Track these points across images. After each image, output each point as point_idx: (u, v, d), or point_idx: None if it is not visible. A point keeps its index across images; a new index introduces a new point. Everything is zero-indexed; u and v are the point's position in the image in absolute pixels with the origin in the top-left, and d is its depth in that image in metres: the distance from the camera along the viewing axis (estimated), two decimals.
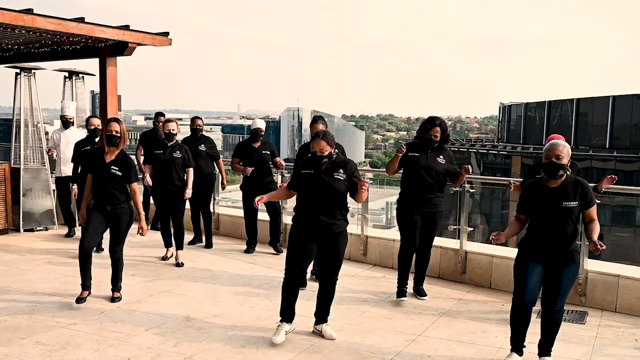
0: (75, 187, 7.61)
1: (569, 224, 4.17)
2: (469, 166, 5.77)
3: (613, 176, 5.43)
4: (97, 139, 7.57)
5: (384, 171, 6.44)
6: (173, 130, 7.18)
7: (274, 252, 7.80)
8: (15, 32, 7.94)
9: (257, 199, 4.80)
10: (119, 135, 5.52)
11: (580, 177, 5.32)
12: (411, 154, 5.84)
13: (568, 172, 4.21)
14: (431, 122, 5.81)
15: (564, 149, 4.13)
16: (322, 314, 4.98)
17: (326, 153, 4.71)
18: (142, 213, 5.65)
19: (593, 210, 4.20)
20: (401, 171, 5.99)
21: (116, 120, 5.65)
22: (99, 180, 5.57)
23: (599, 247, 3.98)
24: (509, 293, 6.02)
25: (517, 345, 4.41)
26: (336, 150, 4.88)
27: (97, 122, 7.72)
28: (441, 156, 5.83)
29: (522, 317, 4.32)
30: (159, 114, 9.20)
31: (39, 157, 9.10)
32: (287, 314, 4.84)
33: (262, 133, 7.72)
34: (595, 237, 4.10)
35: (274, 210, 7.77)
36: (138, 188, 5.72)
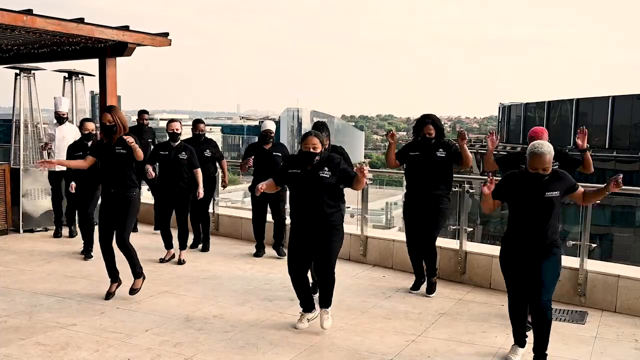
0: (73, 183, 7.54)
1: (551, 215, 4.22)
2: (463, 132, 5.92)
3: (583, 129, 5.36)
4: (89, 144, 7.22)
5: (384, 172, 6.52)
6: (177, 130, 7.22)
7: (277, 255, 7.68)
8: (15, 33, 7.95)
9: (259, 186, 5.05)
10: (112, 124, 5.53)
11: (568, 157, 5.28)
12: (412, 154, 6.00)
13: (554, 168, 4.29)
14: (422, 120, 5.95)
15: (550, 157, 4.13)
16: (323, 301, 5.05)
17: (318, 150, 4.80)
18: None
19: (581, 189, 4.36)
20: (404, 166, 6.18)
21: (108, 110, 5.62)
22: (106, 165, 5.65)
23: (618, 180, 4.20)
24: None
25: (520, 337, 4.50)
26: (326, 149, 4.99)
27: (91, 126, 7.54)
28: (440, 149, 5.93)
29: (519, 309, 4.41)
30: (143, 112, 9.23)
31: (39, 158, 9.09)
32: (305, 304, 5.09)
33: (272, 134, 7.66)
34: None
35: (278, 214, 7.69)
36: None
